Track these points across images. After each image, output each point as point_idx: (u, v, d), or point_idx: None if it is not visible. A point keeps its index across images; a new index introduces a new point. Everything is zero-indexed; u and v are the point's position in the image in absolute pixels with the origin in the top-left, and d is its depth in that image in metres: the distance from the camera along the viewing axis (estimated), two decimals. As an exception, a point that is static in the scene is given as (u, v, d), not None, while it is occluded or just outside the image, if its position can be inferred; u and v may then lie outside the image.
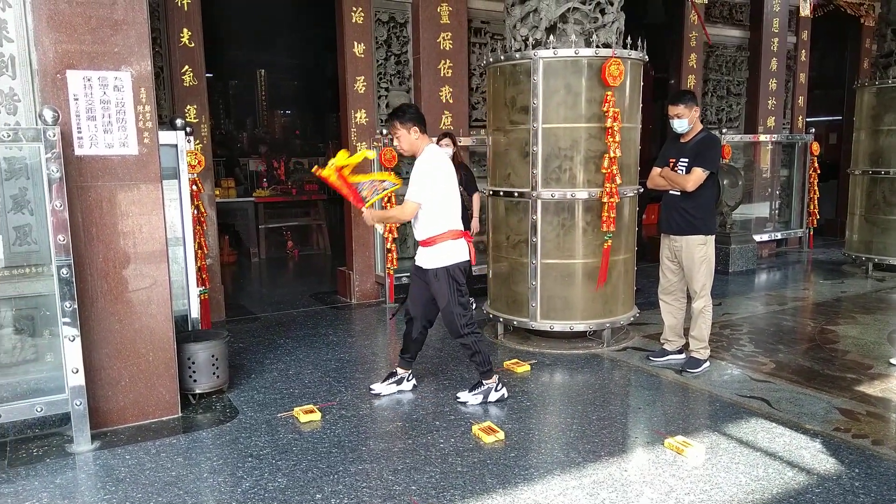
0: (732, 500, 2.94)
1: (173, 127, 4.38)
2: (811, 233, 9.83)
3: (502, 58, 5.01)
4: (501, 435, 3.56)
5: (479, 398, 4.04)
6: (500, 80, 5.10)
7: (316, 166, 4.12)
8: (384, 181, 4.05)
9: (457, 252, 3.96)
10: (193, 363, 4.05)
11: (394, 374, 4.27)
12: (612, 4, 4.96)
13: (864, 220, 7.97)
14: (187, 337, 4.20)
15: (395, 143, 4.01)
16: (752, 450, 3.41)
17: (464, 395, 4.08)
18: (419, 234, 4.01)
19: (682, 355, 4.73)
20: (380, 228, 4.09)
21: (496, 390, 4.07)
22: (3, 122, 3.45)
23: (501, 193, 5.19)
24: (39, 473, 3.23)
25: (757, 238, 8.83)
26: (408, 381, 4.28)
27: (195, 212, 4.89)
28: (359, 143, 6.53)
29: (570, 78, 4.77)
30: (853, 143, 8.21)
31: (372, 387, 4.25)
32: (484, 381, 4.07)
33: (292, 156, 11.50)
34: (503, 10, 5.36)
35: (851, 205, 8.20)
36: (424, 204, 3.89)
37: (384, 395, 4.18)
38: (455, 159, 6.09)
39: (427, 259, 3.99)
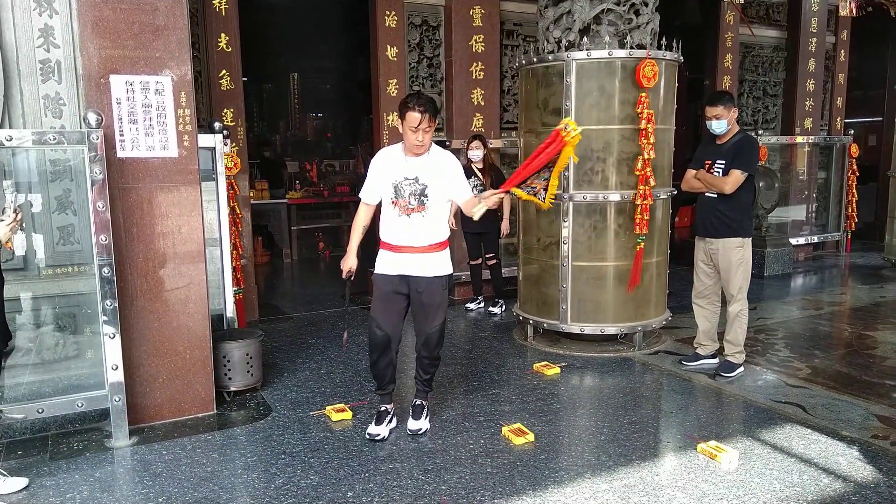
0: (767, 506, 2.90)
1: (211, 130, 4.47)
2: (849, 236, 9.62)
3: (535, 60, 5.01)
4: (531, 437, 3.57)
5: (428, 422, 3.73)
6: (533, 81, 5.10)
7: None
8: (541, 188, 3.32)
9: None
10: (229, 361, 4.13)
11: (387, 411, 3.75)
12: (646, 5, 4.93)
13: (905, 224, 7.79)
14: (223, 336, 4.28)
15: (422, 138, 3.42)
16: (787, 456, 3.35)
17: (420, 424, 3.67)
18: (433, 237, 3.53)
19: (716, 360, 4.67)
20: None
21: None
22: (49, 125, 3.57)
23: (532, 195, 5.17)
24: (80, 467, 3.33)
25: (793, 241, 8.68)
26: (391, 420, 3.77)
27: (231, 213, 4.98)
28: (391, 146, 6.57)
29: (603, 80, 4.75)
30: (894, 145, 8.02)
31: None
32: (426, 404, 3.78)
33: (324, 158, 11.62)
34: (536, 13, 5.36)
35: (891, 208, 8.02)
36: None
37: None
38: (485, 161, 6.11)
39: (435, 266, 3.53)
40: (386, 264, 3.58)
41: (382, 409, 3.71)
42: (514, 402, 4.13)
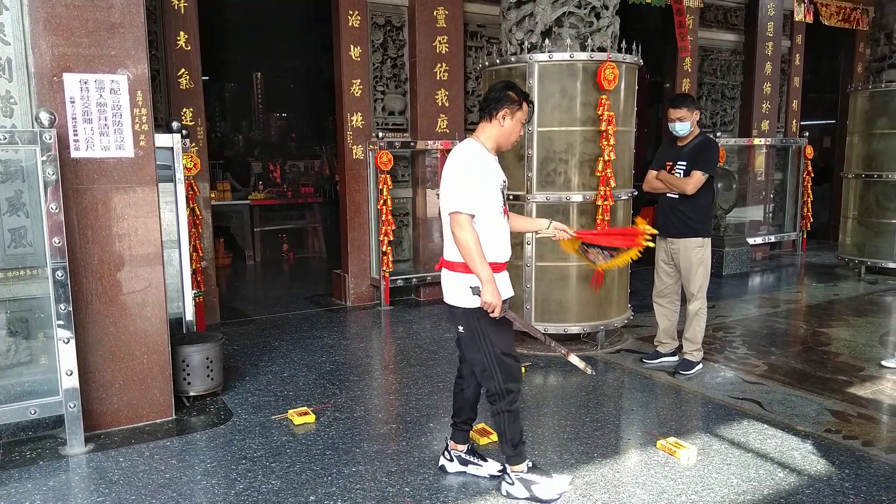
0: (724, 500, 2.96)
1: (169, 130, 4.39)
2: (804, 236, 9.88)
3: (498, 61, 5.04)
4: (495, 436, 3.57)
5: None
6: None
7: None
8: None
9: None
10: (188, 365, 4.05)
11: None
12: (606, 9, 4.99)
13: (857, 224, 8.02)
14: (182, 339, 4.20)
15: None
16: (744, 451, 3.43)
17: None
18: None
19: (676, 357, 4.75)
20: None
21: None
22: (0, 124, 3.47)
23: (496, 196, 5.19)
24: (32, 476, 3.23)
25: (750, 241, 8.86)
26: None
27: (190, 214, 4.90)
28: (354, 146, 6.55)
29: (565, 82, 4.80)
30: (846, 147, 8.26)
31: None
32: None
33: (288, 158, 11.51)
34: (499, 14, 5.38)
35: (845, 208, 8.24)
36: None
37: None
38: None
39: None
40: (500, 289, 2.91)
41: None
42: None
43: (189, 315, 4.56)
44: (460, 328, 3.02)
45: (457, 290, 2.96)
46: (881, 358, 4.81)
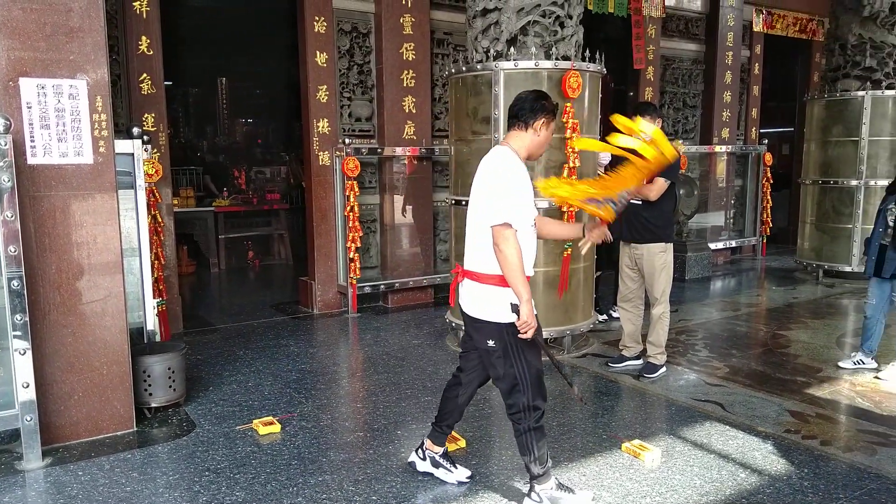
0: (687, 501, 3.01)
1: (130, 135, 4.32)
2: (764, 241, 10.10)
3: (464, 69, 5.06)
4: (463, 443, 3.58)
5: None
6: (463, 90, 5.15)
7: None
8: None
9: None
10: (149, 376, 3.98)
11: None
12: (570, 18, 5.06)
13: (815, 229, 8.23)
14: (143, 349, 4.12)
15: None
16: (707, 452, 3.49)
17: None
18: None
19: (640, 361, 4.81)
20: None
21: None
22: (-49, 130, 3.36)
23: (464, 203, 5.21)
24: (-13, 491, 3.14)
25: (712, 246, 9.04)
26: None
27: (152, 222, 4.81)
28: (321, 153, 6.52)
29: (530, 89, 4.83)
30: (804, 154, 8.47)
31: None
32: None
33: (254, 164, 11.39)
34: (465, 23, 5.41)
35: (802, 213, 8.44)
36: None
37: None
38: None
39: None
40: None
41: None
42: (446, 408, 4.13)
43: (150, 324, 4.48)
44: (490, 343, 2.85)
45: (489, 303, 2.83)
46: (838, 359, 4.94)
